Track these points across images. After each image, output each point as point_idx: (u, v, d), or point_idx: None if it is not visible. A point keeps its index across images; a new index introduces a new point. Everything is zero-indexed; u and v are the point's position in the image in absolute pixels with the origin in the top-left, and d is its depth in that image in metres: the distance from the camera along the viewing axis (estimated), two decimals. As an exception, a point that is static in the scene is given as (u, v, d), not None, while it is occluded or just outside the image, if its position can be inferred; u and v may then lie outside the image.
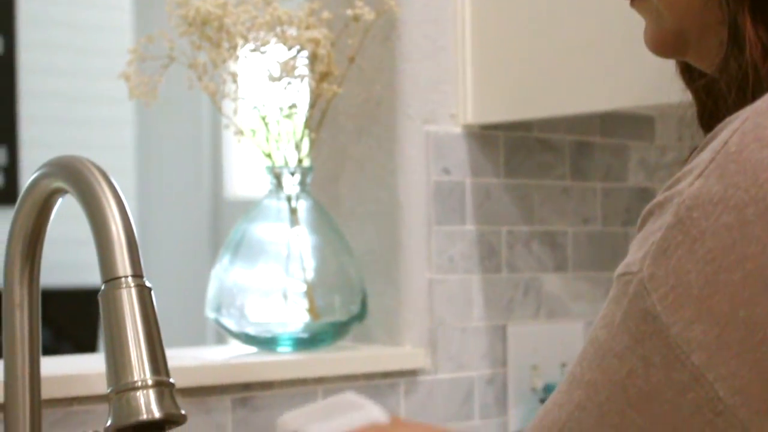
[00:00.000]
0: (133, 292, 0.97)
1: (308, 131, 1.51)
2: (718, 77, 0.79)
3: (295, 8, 1.48)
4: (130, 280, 0.97)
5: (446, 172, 1.57)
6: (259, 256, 1.50)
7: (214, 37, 1.45)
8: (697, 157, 0.71)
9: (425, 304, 1.56)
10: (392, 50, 1.55)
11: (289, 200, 1.50)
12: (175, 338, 1.53)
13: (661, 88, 1.00)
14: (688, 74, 0.90)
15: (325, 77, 1.48)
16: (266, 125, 1.49)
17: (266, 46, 1.45)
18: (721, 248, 0.68)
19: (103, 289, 0.97)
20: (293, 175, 1.50)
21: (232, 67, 1.46)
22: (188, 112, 4.64)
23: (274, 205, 1.51)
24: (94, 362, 1.42)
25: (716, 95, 0.82)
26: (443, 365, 1.57)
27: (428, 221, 1.56)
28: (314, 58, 1.47)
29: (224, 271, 1.49)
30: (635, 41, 0.93)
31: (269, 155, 1.50)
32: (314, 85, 1.48)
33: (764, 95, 0.72)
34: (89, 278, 4.21)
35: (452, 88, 1.58)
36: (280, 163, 1.50)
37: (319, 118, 1.51)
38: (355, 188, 1.60)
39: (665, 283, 0.69)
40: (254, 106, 1.48)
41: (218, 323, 1.49)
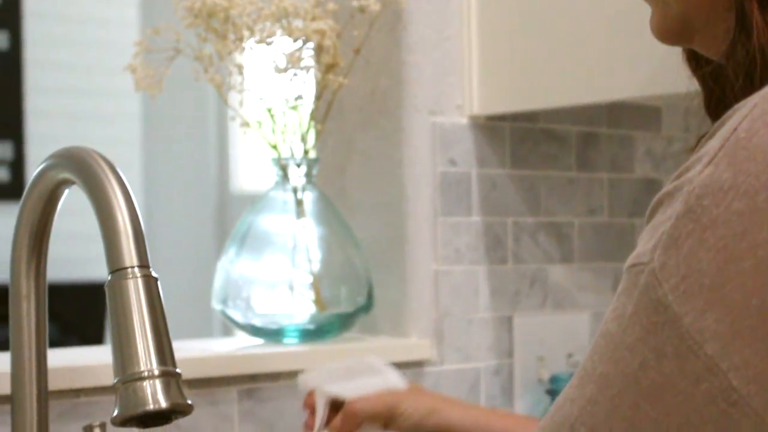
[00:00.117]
0: (139, 282, 0.97)
1: (314, 123, 1.51)
2: (724, 64, 0.79)
3: (300, -1, 1.48)
4: (136, 270, 0.97)
5: (452, 163, 1.57)
6: (265, 247, 1.50)
7: (219, 28, 1.45)
8: (705, 144, 0.70)
9: (431, 295, 1.56)
10: (398, 41, 1.55)
11: (295, 192, 1.50)
12: (181, 330, 1.53)
13: (667, 78, 1.00)
14: (694, 61, 0.89)
15: (330, 68, 1.48)
16: (272, 117, 1.49)
17: (272, 37, 1.45)
18: (732, 236, 0.67)
19: (109, 279, 0.97)
20: (299, 166, 1.50)
21: (238, 58, 1.46)
22: (194, 107, 4.64)
23: (280, 196, 1.51)
24: (100, 354, 1.43)
25: (723, 82, 0.81)
26: (449, 356, 1.57)
27: (434, 212, 1.56)
28: (320, 49, 1.47)
29: (230, 262, 1.49)
30: (641, 31, 0.93)
31: (275, 147, 1.50)
32: (320, 76, 1.48)
33: None
34: (96, 273, 4.22)
35: (458, 79, 1.58)
36: (286, 154, 1.50)
37: (325, 109, 1.51)
38: (361, 179, 1.60)
39: (677, 272, 0.68)
40: (260, 97, 1.48)
41: (224, 315, 1.49)
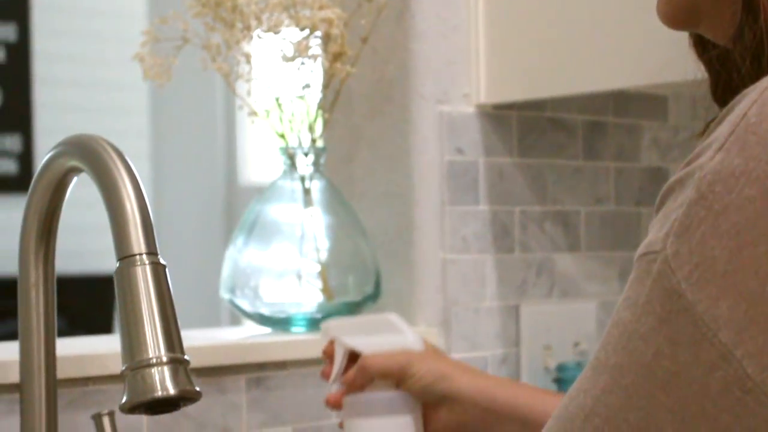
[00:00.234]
0: (147, 269, 0.97)
1: (321, 112, 1.51)
2: (731, 48, 0.79)
3: (308, -12, 1.48)
4: (144, 257, 0.98)
5: (459, 152, 1.57)
6: (273, 236, 1.50)
7: (227, 18, 1.45)
8: (715, 130, 0.70)
9: (438, 284, 1.56)
10: (405, 30, 1.55)
11: (302, 181, 1.51)
12: (190, 320, 1.54)
13: (674, 66, 1.00)
14: (700, 46, 0.88)
15: (338, 57, 1.48)
16: (280, 106, 1.49)
17: (279, 26, 1.45)
18: (744, 222, 0.66)
19: (117, 266, 0.97)
20: (307, 155, 1.50)
21: (245, 48, 1.46)
22: (202, 98, 4.64)
23: (288, 185, 1.51)
24: (109, 342, 1.43)
25: (730, 66, 0.81)
26: (456, 345, 1.57)
27: (441, 201, 1.56)
28: (327, 38, 1.47)
29: (238, 252, 1.49)
30: (648, 19, 0.92)
31: (283, 136, 1.50)
32: (327, 65, 1.48)
33: None
34: (104, 265, 4.22)
35: (465, 67, 1.58)
36: (293, 143, 1.50)
37: (332, 98, 1.51)
38: (368, 168, 1.60)
39: (689, 260, 0.67)
40: (268, 86, 1.48)
41: (233, 304, 1.50)
